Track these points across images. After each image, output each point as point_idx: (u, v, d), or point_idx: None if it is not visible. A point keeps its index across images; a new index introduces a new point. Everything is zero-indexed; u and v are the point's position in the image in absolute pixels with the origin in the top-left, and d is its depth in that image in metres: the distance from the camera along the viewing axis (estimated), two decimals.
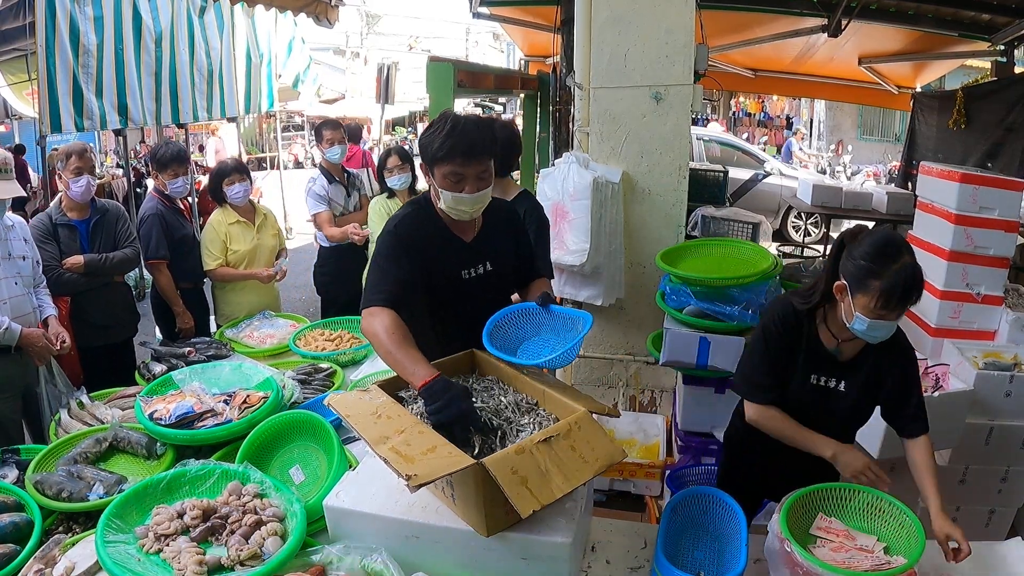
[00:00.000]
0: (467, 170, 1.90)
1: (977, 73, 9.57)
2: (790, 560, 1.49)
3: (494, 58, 29.21)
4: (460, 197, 1.92)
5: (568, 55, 5.24)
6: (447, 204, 1.95)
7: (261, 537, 1.56)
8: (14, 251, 2.82)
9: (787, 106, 20.30)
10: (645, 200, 3.56)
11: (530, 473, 1.38)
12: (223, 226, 3.68)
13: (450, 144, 1.87)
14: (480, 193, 1.93)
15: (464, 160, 1.88)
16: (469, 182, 1.91)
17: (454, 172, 1.89)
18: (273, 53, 7.73)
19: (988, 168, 5.44)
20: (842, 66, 7.95)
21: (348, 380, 2.66)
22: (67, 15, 4.38)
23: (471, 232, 2.09)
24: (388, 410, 1.60)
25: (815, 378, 1.91)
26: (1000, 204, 3.22)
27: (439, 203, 1.99)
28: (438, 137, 1.89)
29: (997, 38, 6.11)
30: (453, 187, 1.91)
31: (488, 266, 2.09)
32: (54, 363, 2.92)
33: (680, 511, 1.81)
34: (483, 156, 1.92)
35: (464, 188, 1.91)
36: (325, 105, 19.09)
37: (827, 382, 1.91)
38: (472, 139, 1.88)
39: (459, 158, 1.88)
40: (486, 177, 1.94)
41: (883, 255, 1.70)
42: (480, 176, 1.92)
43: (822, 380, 1.91)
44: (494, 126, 2.09)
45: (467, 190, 1.91)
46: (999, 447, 2.77)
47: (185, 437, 2.03)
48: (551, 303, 1.93)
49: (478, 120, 1.99)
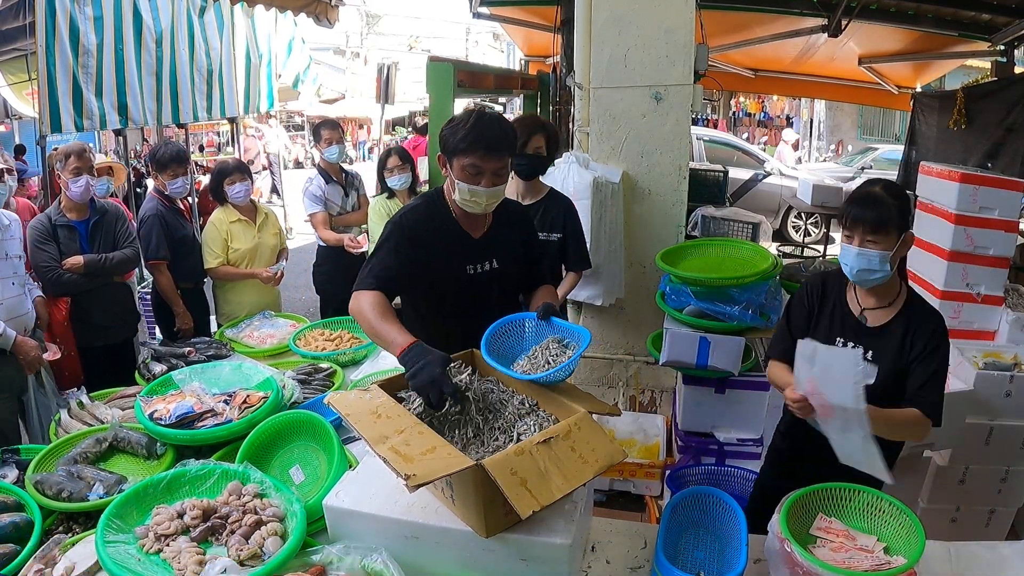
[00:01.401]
0: (486, 164, 1.94)
1: (977, 73, 9.56)
2: (790, 560, 1.49)
3: (494, 58, 29.20)
4: (476, 190, 1.96)
5: (568, 55, 5.25)
6: (462, 196, 1.99)
7: (261, 537, 1.56)
8: (10, 251, 2.81)
9: (787, 106, 20.30)
10: (645, 200, 3.56)
11: (530, 474, 1.38)
12: (224, 224, 3.68)
13: (473, 137, 1.92)
14: (495, 188, 1.98)
15: (485, 153, 1.93)
16: (486, 176, 1.95)
17: (473, 164, 1.94)
18: (273, 53, 7.73)
19: (988, 168, 5.43)
20: (842, 66, 7.95)
21: (348, 380, 2.66)
22: (67, 15, 4.37)
23: (480, 229, 2.12)
24: (388, 410, 1.60)
25: (840, 341, 1.94)
26: (1000, 204, 3.22)
27: (454, 195, 2.02)
28: (462, 129, 1.94)
29: (997, 38, 6.11)
30: (471, 179, 1.95)
31: (494, 263, 2.12)
32: (43, 372, 2.91)
33: (680, 511, 1.81)
34: (503, 153, 1.97)
35: (481, 181, 1.95)
36: (325, 105, 19.12)
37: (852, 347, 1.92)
38: (495, 134, 1.94)
39: (481, 151, 1.93)
40: (503, 174, 1.99)
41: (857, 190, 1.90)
42: (497, 172, 1.96)
43: (849, 345, 1.93)
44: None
45: (484, 184, 1.95)
46: (999, 447, 2.77)
47: (185, 437, 2.03)
48: (553, 315, 1.92)
49: (502, 118, 2.06)
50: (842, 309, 1.98)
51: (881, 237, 1.80)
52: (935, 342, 1.87)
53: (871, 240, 1.81)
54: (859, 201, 1.84)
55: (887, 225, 1.79)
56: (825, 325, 1.99)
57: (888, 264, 1.82)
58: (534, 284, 2.24)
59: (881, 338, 1.91)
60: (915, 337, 1.87)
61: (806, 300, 2.05)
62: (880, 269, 1.82)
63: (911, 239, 1.86)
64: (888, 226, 1.80)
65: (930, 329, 1.87)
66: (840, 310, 1.98)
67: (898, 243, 1.82)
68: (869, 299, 1.94)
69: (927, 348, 1.85)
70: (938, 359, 1.87)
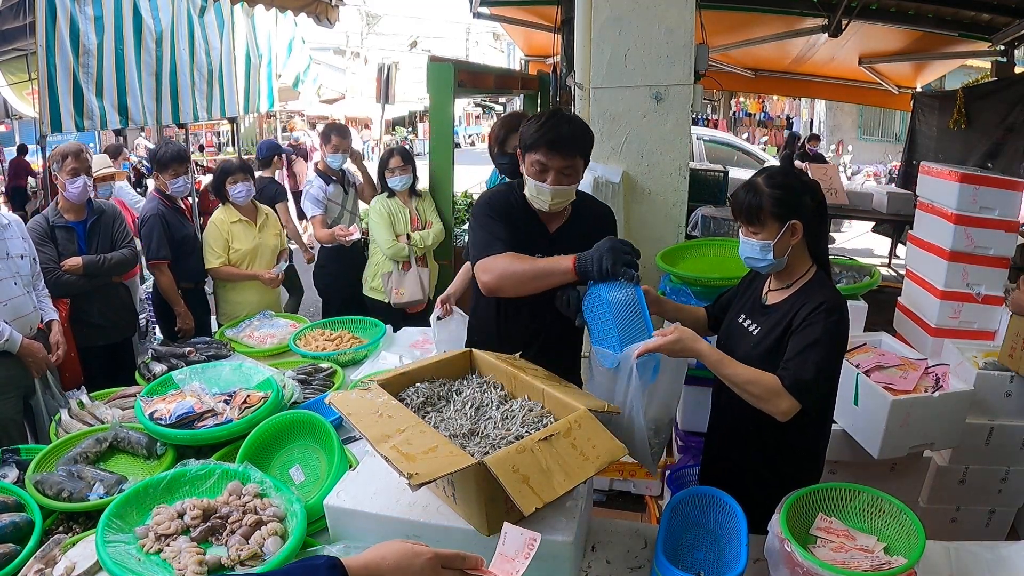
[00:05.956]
0: (552, 161, 1.97)
1: (977, 73, 9.57)
2: (790, 560, 1.49)
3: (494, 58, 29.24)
4: (541, 187, 2.00)
5: (568, 55, 5.25)
6: (529, 192, 2.05)
7: (261, 537, 1.56)
8: (12, 250, 2.80)
9: (787, 106, 20.31)
10: (645, 200, 3.56)
11: (531, 471, 1.38)
12: (225, 224, 3.68)
13: (540, 133, 1.96)
14: (561, 187, 2.00)
15: (549, 150, 1.96)
16: (552, 173, 1.98)
17: (539, 161, 1.98)
18: (273, 53, 7.73)
19: (988, 168, 5.44)
20: (842, 66, 7.95)
21: (348, 380, 2.66)
22: (67, 15, 4.37)
23: (556, 223, 2.16)
24: (389, 409, 1.60)
25: (741, 317, 1.98)
26: (1000, 204, 3.22)
27: (524, 190, 2.08)
28: (534, 125, 1.99)
29: (997, 38, 6.11)
30: (538, 176, 2.00)
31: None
32: (49, 374, 2.90)
33: (680, 511, 1.81)
34: (569, 152, 1.98)
35: (547, 179, 1.99)
36: (325, 105, 19.12)
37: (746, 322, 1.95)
38: (562, 133, 1.96)
39: (545, 147, 1.96)
40: (570, 173, 2.01)
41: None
42: (563, 171, 1.99)
43: (745, 321, 1.95)
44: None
45: (550, 181, 1.99)
46: (999, 447, 2.78)
47: (185, 437, 2.03)
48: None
49: (576, 120, 2.06)
50: (758, 291, 1.99)
51: (757, 227, 1.79)
52: (813, 318, 1.74)
53: (751, 230, 1.81)
54: (737, 191, 1.84)
55: (760, 214, 1.77)
56: (738, 303, 2.03)
57: (771, 253, 1.79)
58: None
59: (766, 314, 1.89)
60: (796, 315, 1.79)
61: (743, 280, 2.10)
62: (762, 258, 1.81)
63: (798, 228, 1.78)
64: (761, 216, 1.77)
65: (812, 307, 1.76)
66: (755, 292, 1.99)
67: (781, 232, 1.77)
68: (774, 281, 1.94)
69: (803, 323, 1.75)
70: (812, 335, 1.71)
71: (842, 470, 2.63)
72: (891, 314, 3.88)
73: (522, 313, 2.16)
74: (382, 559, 1.01)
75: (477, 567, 1.07)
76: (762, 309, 1.92)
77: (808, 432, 1.89)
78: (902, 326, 3.76)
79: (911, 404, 2.35)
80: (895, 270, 7.24)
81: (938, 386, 2.45)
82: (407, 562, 1.01)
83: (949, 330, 3.33)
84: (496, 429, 1.65)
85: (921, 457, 2.74)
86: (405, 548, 1.03)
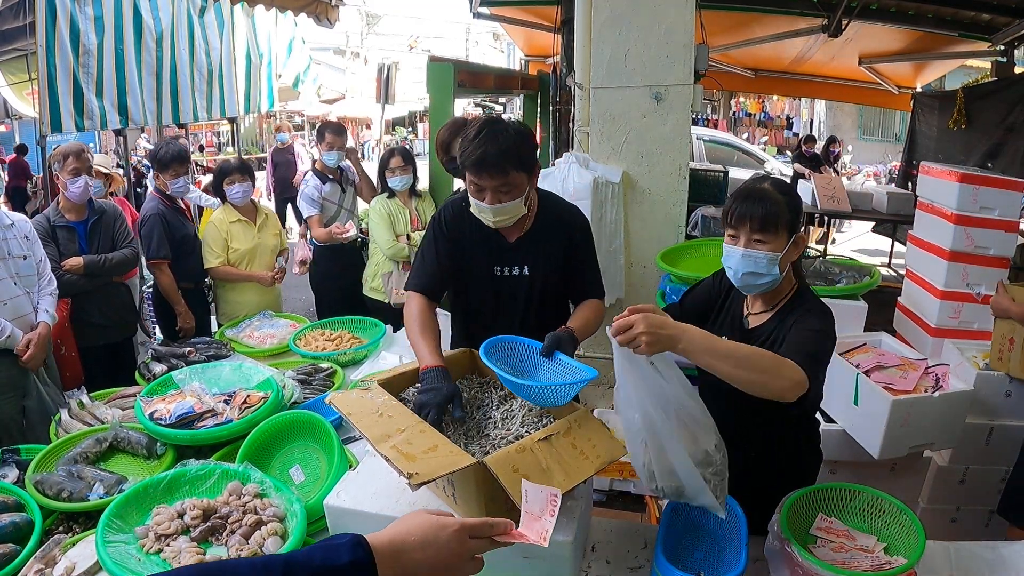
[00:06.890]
0: (483, 181, 1.86)
1: (977, 73, 9.57)
2: (790, 560, 1.49)
3: (494, 58, 29.21)
4: (481, 206, 1.92)
5: (568, 55, 5.25)
6: (474, 210, 1.97)
7: (261, 537, 1.56)
8: (13, 250, 2.80)
9: (787, 106, 20.30)
10: (645, 200, 3.56)
11: (531, 471, 1.38)
12: (224, 224, 3.68)
13: (467, 153, 1.85)
14: (501, 206, 1.89)
15: (477, 171, 1.85)
16: (488, 193, 1.88)
17: (473, 182, 1.89)
18: (273, 53, 7.74)
19: (988, 168, 5.44)
20: (842, 66, 7.95)
21: (348, 380, 2.66)
22: (67, 15, 4.38)
23: (516, 233, 2.05)
24: (390, 409, 1.60)
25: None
26: (1000, 204, 3.22)
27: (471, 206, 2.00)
28: (466, 141, 1.87)
29: (997, 38, 6.11)
30: (476, 195, 1.92)
31: (525, 270, 2.06)
32: (46, 374, 2.90)
33: (680, 511, 1.80)
34: (499, 170, 1.84)
35: (485, 199, 1.89)
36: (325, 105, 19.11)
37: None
38: (488, 152, 1.81)
39: (472, 168, 1.86)
40: (508, 190, 1.88)
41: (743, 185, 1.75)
42: (499, 189, 1.87)
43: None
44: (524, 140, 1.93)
45: (487, 200, 1.89)
46: (999, 447, 2.77)
47: (185, 437, 2.03)
48: (563, 350, 1.74)
49: (507, 132, 1.86)
50: (738, 307, 1.85)
51: (770, 236, 1.64)
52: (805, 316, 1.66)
53: (759, 239, 1.65)
54: (746, 196, 1.67)
55: (776, 222, 1.64)
56: (719, 320, 1.88)
57: (776, 267, 1.66)
58: (577, 297, 2.15)
59: (750, 340, 1.73)
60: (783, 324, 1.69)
61: (715, 286, 1.92)
62: (768, 272, 1.66)
63: (803, 242, 1.71)
64: (778, 223, 1.64)
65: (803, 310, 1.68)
66: (736, 308, 1.85)
67: (788, 244, 1.67)
68: (756, 303, 1.80)
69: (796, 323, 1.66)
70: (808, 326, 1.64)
71: (842, 470, 2.63)
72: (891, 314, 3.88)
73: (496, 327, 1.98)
74: (408, 534, 0.97)
75: (507, 531, 1.04)
76: (741, 332, 1.80)
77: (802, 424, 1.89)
78: (902, 326, 3.76)
79: (911, 404, 2.34)
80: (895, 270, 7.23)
81: (938, 386, 2.44)
82: (433, 535, 0.97)
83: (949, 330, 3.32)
84: (496, 429, 1.65)
85: (921, 457, 2.74)
86: (431, 521, 0.99)
